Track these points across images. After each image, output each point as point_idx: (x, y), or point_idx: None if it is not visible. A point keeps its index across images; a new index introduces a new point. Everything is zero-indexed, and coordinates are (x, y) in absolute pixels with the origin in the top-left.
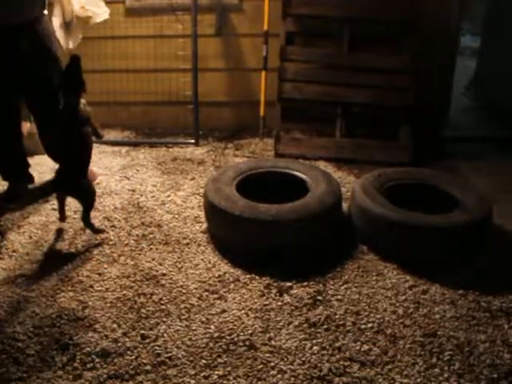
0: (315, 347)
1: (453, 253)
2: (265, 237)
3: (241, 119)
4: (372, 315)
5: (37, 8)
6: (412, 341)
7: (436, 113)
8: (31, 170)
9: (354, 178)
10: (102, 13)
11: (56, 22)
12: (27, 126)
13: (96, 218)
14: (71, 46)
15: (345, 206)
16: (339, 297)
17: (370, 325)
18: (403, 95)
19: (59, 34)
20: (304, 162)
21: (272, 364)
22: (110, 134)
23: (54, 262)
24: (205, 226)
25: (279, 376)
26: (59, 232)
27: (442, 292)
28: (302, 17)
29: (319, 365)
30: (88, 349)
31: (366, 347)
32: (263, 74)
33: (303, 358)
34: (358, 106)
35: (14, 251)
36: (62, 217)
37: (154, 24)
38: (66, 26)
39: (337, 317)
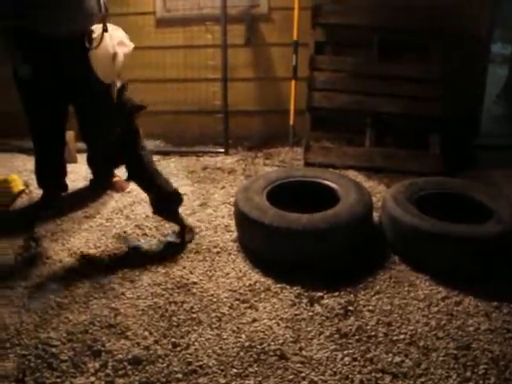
0: (346, 358)
1: (486, 264)
2: (295, 246)
3: (270, 128)
4: (404, 326)
5: (88, 23)
6: (445, 353)
7: (467, 121)
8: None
9: (385, 187)
10: (126, 48)
11: (109, 50)
12: None
13: (127, 227)
14: (116, 76)
15: (375, 215)
16: (371, 307)
17: (402, 336)
18: (433, 104)
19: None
20: (334, 171)
21: (303, 374)
22: None
23: (87, 269)
24: (235, 234)
25: None
26: (91, 240)
27: (475, 304)
28: (331, 26)
29: (350, 376)
30: (120, 356)
31: (398, 359)
32: (293, 83)
33: (334, 369)
34: (388, 116)
35: (47, 258)
36: None
37: (184, 34)
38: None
39: (368, 327)
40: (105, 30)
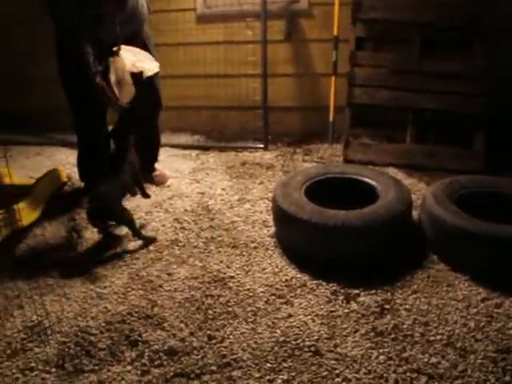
0: (381, 357)
1: None
2: (333, 243)
3: (310, 124)
4: (441, 327)
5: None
6: (484, 356)
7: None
8: None
9: (425, 185)
10: (152, 67)
11: (112, 79)
12: None
13: (166, 220)
14: (125, 100)
15: (415, 213)
16: (407, 306)
17: (439, 337)
18: (477, 101)
19: (115, 90)
20: (373, 168)
21: (337, 371)
22: (181, 138)
23: (126, 260)
24: (273, 230)
25: None
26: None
27: None
28: (372, 21)
29: (385, 375)
30: (156, 346)
31: (434, 360)
32: (333, 79)
33: (369, 367)
34: (430, 112)
35: (88, 249)
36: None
37: (225, 30)
38: (119, 82)
39: (404, 327)
40: (116, 53)
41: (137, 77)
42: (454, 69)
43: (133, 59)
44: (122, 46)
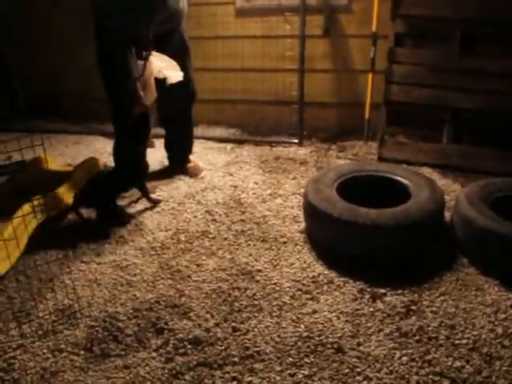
0: (404, 358)
1: None
2: (362, 241)
3: (345, 121)
4: (468, 331)
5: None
6: (510, 363)
7: None
8: None
9: (460, 186)
10: (176, 76)
11: (140, 80)
12: None
13: (198, 212)
14: (148, 102)
15: (448, 215)
16: (434, 308)
17: (464, 341)
18: None
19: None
20: (407, 168)
21: (358, 370)
22: (216, 131)
23: (156, 250)
24: (303, 225)
25: (365, 382)
26: (162, 223)
27: None
28: (412, 18)
29: (407, 376)
30: (181, 335)
31: (458, 364)
32: (370, 75)
33: (391, 368)
34: (469, 112)
35: (120, 237)
36: None
37: (263, 24)
38: (144, 85)
39: (430, 329)
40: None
41: (160, 82)
42: (496, 66)
43: (160, 65)
44: (153, 52)
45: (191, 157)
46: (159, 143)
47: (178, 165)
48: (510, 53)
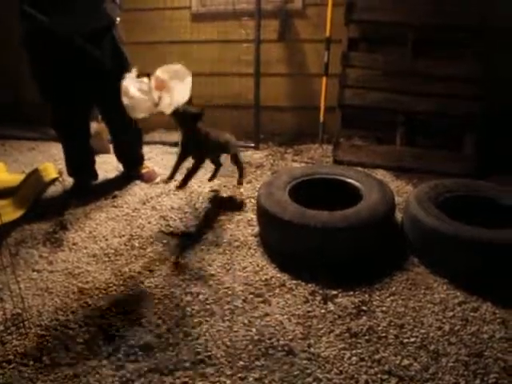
0: (354, 358)
1: (509, 271)
2: (314, 243)
3: (301, 124)
4: (416, 330)
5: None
6: (456, 359)
7: (505, 122)
8: (96, 168)
9: (412, 187)
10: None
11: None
12: (94, 127)
13: (152, 217)
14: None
15: (400, 216)
16: (384, 308)
17: (412, 339)
18: (469, 104)
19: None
20: (360, 170)
21: (308, 371)
22: (174, 136)
23: (110, 257)
24: (257, 229)
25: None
26: (117, 229)
27: (492, 311)
28: (365, 23)
29: (356, 376)
30: (132, 342)
31: (406, 362)
32: (324, 79)
33: (341, 368)
34: (421, 114)
35: (74, 244)
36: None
37: (218, 29)
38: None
39: (379, 328)
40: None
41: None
42: (447, 70)
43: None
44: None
45: (147, 162)
46: None
47: (133, 171)
48: (455, 57)
